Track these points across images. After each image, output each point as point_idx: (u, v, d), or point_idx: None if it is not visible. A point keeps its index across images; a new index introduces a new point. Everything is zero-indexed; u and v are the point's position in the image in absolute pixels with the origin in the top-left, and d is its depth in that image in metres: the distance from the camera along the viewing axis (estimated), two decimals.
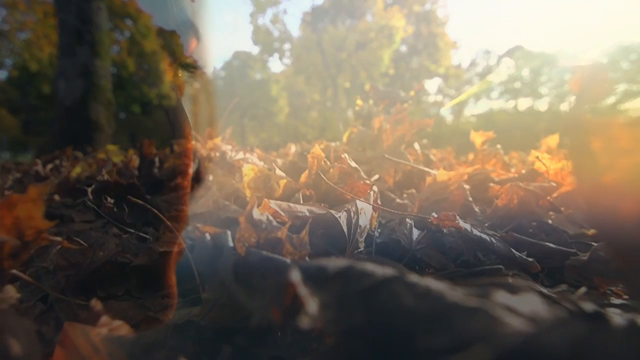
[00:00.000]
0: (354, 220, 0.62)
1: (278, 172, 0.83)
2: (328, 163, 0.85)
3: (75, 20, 5.55)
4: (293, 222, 0.52)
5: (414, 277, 0.26)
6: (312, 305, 0.23)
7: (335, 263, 0.27)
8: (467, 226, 0.59)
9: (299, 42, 23.05)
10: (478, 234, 0.58)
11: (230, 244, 0.41)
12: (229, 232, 0.42)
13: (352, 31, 21.30)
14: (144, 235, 0.83)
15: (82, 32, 5.59)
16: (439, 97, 26.15)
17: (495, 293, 0.26)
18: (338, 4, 22.26)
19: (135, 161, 2.00)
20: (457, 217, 0.58)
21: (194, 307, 0.57)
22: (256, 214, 0.42)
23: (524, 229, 0.90)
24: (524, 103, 24.84)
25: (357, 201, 0.66)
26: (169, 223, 0.69)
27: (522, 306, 0.25)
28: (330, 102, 24.09)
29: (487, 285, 0.29)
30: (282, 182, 0.83)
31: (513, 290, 0.29)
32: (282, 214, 0.51)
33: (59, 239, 0.48)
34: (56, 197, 1.66)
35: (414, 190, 1.25)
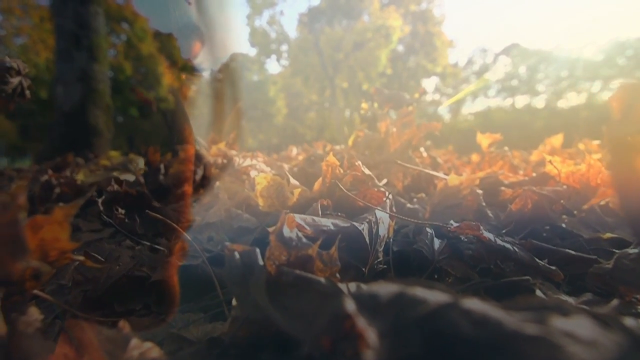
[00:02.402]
0: (374, 231, 0.61)
1: (292, 181, 0.83)
2: (341, 171, 0.85)
3: (73, 25, 5.53)
4: (319, 236, 0.52)
5: (468, 302, 0.26)
6: (371, 336, 0.23)
7: (386, 289, 0.26)
8: (490, 236, 0.58)
9: (296, 43, 23.05)
10: (502, 243, 0.57)
11: (261, 262, 0.41)
12: (257, 250, 0.42)
13: (349, 31, 21.31)
14: (158, 247, 0.82)
15: (79, 37, 5.57)
16: (437, 96, 26.19)
17: (550, 317, 0.26)
18: (334, 4, 22.27)
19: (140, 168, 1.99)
20: (481, 228, 0.58)
21: (217, 322, 0.56)
22: (286, 231, 0.41)
23: (538, 234, 0.90)
24: (521, 100, 24.92)
25: (376, 211, 0.66)
26: (188, 237, 0.69)
27: (580, 331, 0.25)
28: (328, 103, 24.09)
29: (539, 309, 0.28)
30: (297, 191, 0.82)
31: (564, 312, 0.28)
32: (307, 228, 0.50)
33: (81, 258, 0.47)
34: (61, 204, 1.65)
35: (423, 195, 1.25)
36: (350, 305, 0.24)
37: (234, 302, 0.47)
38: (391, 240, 0.75)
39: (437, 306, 0.25)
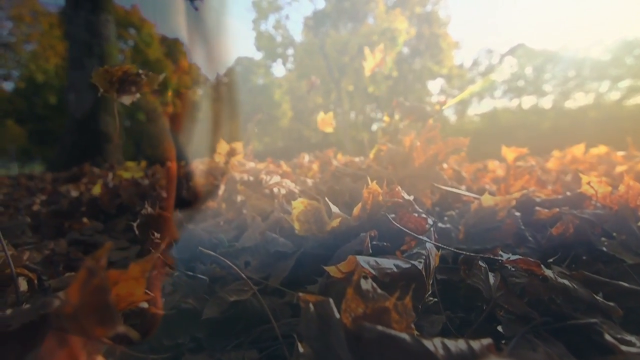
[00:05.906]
0: (427, 265, 0.60)
1: (334, 208, 0.82)
2: (382, 198, 0.84)
3: (84, 34, 5.59)
4: (383, 279, 0.51)
5: None
6: None
7: None
8: (550, 273, 0.57)
9: (302, 46, 23.12)
10: (562, 281, 0.56)
11: (337, 314, 0.40)
12: (332, 301, 0.41)
13: (354, 35, 21.34)
14: (197, 275, 0.82)
15: (91, 45, 5.63)
16: (442, 98, 26.10)
17: None
18: (340, 7, 22.31)
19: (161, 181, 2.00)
20: (541, 265, 0.56)
21: None
22: (364, 283, 0.40)
23: (578, 258, 0.88)
24: (528, 101, 24.79)
25: (427, 243, 0.65)
26: (234, 266, 0.68)
27: None
28: (334, 105, 24.10)
29: None
30: (337, 220, 0.81)
31: None
32: (372, 271, 0.50)
33: (147, 305, 0.47)
34: (85, 220, 1.66)
35: (453, 212, 1.24)
36: None
37: (300, 349, 0.46)
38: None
39: None
